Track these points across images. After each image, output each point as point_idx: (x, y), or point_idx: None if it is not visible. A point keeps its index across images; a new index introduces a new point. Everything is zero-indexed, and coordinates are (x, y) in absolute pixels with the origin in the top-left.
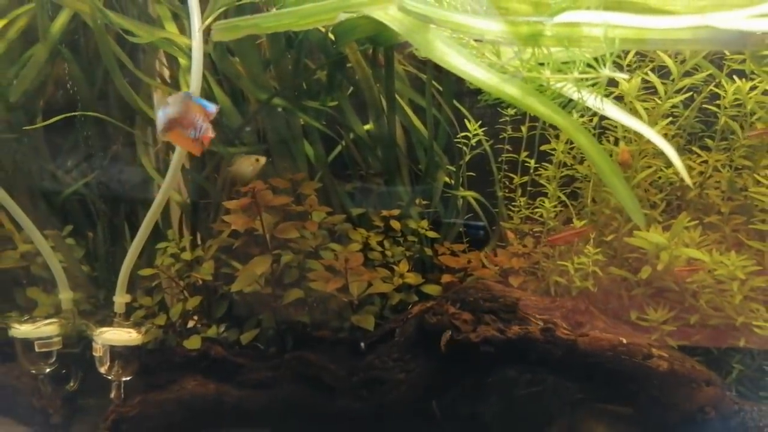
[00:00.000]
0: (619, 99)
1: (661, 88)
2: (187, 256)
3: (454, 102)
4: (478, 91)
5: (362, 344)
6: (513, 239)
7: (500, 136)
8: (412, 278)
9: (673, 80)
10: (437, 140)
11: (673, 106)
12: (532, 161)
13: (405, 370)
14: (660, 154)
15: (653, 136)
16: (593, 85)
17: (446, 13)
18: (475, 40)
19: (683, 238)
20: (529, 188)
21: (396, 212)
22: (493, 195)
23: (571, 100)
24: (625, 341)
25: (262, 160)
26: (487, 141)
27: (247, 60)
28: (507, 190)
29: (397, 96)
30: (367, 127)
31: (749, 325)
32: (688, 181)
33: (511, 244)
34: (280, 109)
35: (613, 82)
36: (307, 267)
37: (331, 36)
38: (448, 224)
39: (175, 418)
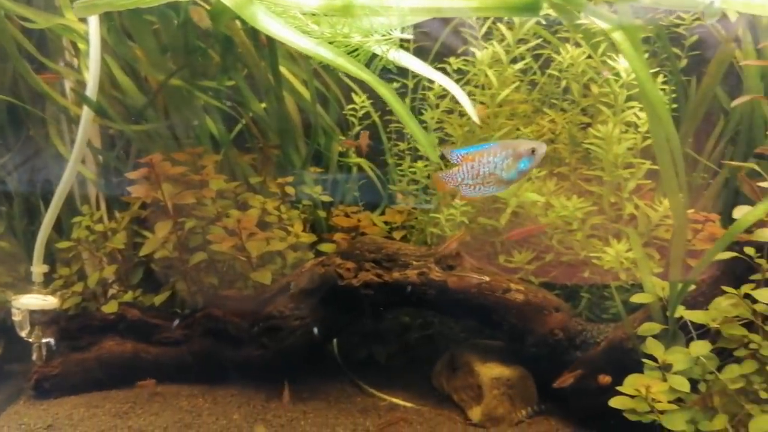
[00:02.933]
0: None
1: (504, 57)
2: (100, 228)
3: (343, 77)
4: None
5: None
6: (402, 199)
7: (387, 108)
8: (306, 237)
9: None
10: (329, 114)
11: (533, 73)
12: (406, 129)
13: (299, 318)
14: (519, 115)
15: (448, 84)
16: (387, 47)
17: None
18: (303, 13)
19: (543, 189)
20: (406, 153)
21: (290, 179)
22: (385, 162)
23: (375, 56)
24: (487, 279)
25: None
26: (377, 113)
27: (144, 43)
28: (396, 157)
29: (291, 74)
30: (264, 104)
31: (591, 259)
32: (475, 119)
33: (398, 203)
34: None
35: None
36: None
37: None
38: (344, 189)
39: (95, 374)
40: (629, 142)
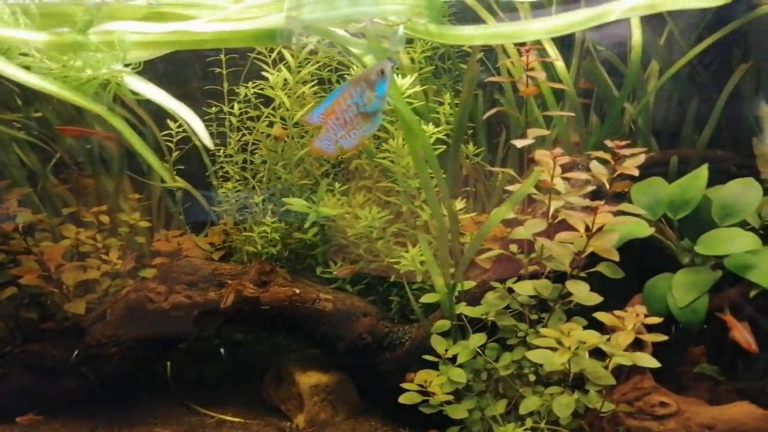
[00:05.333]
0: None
1: (291, 79)
2: None
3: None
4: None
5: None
6: (227, 220)
7: (215, 131)
8: (123, 264)
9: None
10: (145, 140)
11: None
12: (221, 151)
13: (116, 345)
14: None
15: (180, 108)
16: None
17: None
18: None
19: (353, 201)
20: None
21: (104, 207)
22: (210, 184)
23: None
24: (297, 291)
25: None
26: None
27: None
28: (222, 179)
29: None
30: None
31: (394, 264)
32: (209, 144)
33: (219, 224)
34: None
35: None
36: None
37: None
38: (168, 213)
39: None
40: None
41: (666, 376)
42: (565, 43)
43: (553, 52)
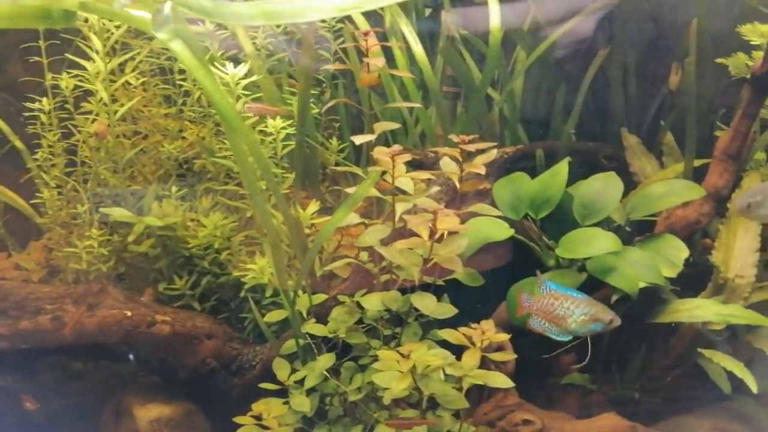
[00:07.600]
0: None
1: (103, 68)
2: None
3: None
4: None
5: None
6: (52, 233)
7: (29, 132)
8: None
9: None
10: None
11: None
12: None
13: None
14: (163, 130)
15: None
16: None
17: None
18: None
19: (198, 206)
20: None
21: None
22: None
23: None
24: (129, 314)
25: None
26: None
27: None
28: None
29: None
30: None
31: (242, 276)
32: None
33: (47, 239)
34: None
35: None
36: None
37: None
38: None
39: None
40: (266, 151)
41: (537, 388)
42: (434, 30)
43: (412, 37)
